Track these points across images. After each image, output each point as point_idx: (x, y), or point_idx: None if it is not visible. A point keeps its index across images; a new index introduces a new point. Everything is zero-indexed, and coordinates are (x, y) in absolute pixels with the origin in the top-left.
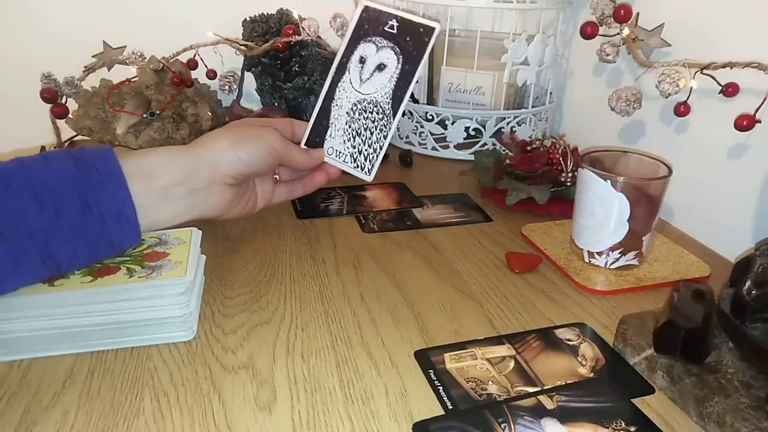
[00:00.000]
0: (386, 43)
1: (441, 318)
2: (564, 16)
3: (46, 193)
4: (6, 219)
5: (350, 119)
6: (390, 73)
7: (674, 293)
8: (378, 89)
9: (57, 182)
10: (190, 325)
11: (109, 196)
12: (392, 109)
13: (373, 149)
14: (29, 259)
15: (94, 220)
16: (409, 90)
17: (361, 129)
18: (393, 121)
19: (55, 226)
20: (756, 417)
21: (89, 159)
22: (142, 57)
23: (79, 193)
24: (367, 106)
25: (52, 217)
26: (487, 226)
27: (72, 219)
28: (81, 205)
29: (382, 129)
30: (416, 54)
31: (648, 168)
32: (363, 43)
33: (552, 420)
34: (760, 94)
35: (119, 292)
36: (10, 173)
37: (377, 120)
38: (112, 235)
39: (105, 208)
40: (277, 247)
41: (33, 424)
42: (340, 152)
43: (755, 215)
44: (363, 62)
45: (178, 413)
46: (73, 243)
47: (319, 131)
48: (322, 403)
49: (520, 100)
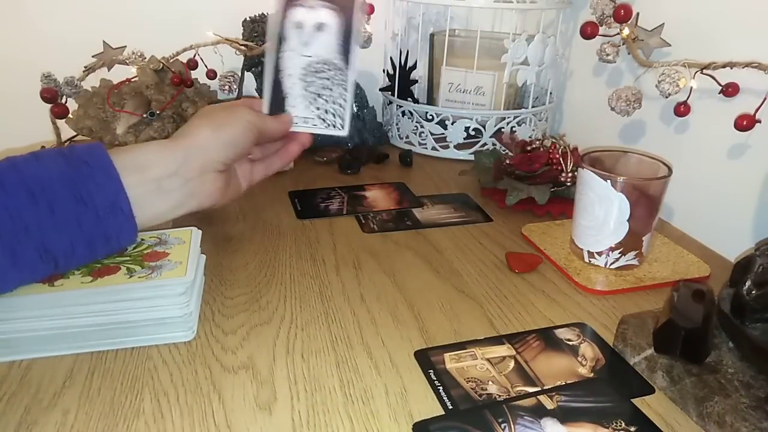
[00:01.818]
0: (317, 3)
1: (441, 318)
2: (564, 16)
3: (39, 189)
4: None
5: (305, 84)
6: (332, 29)
7: (674, 293)
8: (324, 46)
9: (49, 179)
10: (190, 325)
11: (102, 189)
12: (344, 61)
13: (338, 104)
14: (27, 255)
15: (88, 214)
16: (355, 39)
17: (319, 89)
18: (349, 72)
19: (50, 222)
20: (756, 417)
21: (80, 155)
22: (142, 57)
23: (72, 189)
24: (317, 66)
25: (47, 212)
26: (487, 226)
27: (66, 214)
28: (75, 200)
29: (340, 83)
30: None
31: (648, 168)
32: (292, 9)
33: (552, 420)
34: (760, 94)
35: (119, 292)
36: (2, 171)
37: (332, 77)
38: (107, 228)
39: (99, 202)
40: (277, 247)
41: (33, 424)
42: (307, 118)
43: (755, 215)
44: (300, 27)
45: (178, 413)
46: (70, 238)
47: (278, 105)
48: (322, 403)
49: (520, 100)
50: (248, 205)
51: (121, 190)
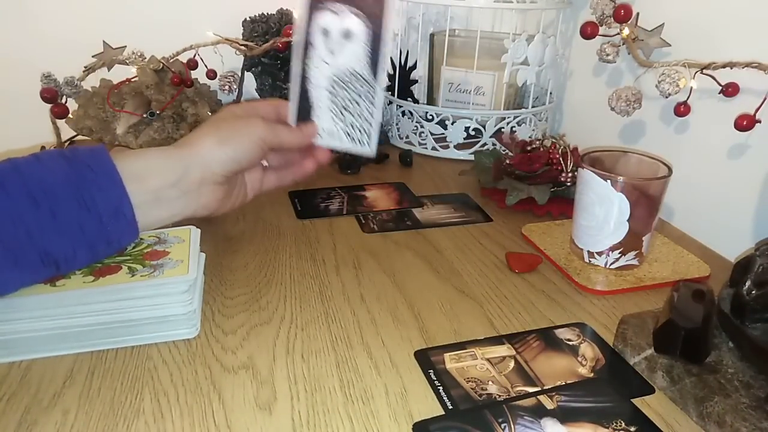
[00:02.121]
0: (344, 8)
1: (441, 318)
2: (564, 16)
3: (41, 193)
4: (2, 221)
5: (332, 95)
6: (360, 39)
7: (674, 293)
8: (352, 57)
9: (52, 182)
10: (193, 322)
11: (106, 194)
12: (373, 74)
13: (365, 119)
14: (28, 259)
15: (91, 219)
16: (384, 50)
17: (347, 102)
18: (378, 88)
19: (52, 227)
20: (756, 417)
21: (83, 158)
22: (142, 57)
23: (75, 193)
24: (345, 77)
25: (49, 217)
26: (487, 226)
27: (69, 219)
28: (77, 204)
29: (368, 97)
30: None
31: (648, 168)
32: (320, 14)
33: (552, 420)
34: (760, 94)
35: (123, 291)
36: (3, 175)
37: (360, 90)
38: (110, 233)
39: (102, 207)
40: (277, 247)
41: (33, 424)
42: (333, 131)
43: (755, 215)
44: (326, 34)
45: (178, 413)
46: (72, 243)
47: (303, 116)
48: (322, 403)
49: (520, 100)
50: (248, 205)
51: (124, 195)
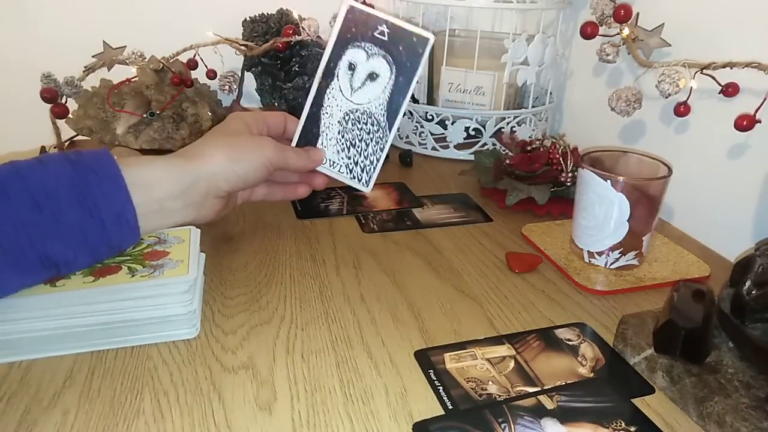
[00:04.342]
0: (377, 51)
1: (441, 318)
2: (564, 16)
3: (43, 198)
4: (4, 225)
5: (342, 129)
6: (383, 84)
7: (674, 293)
8: (371, 100)
9: (55, 187)
10: (194, 322)
11: (109, 200)
12: (387, 122)
13: (369, 161)
14: (29, 262)
15: (94, 225)
16: (404, 102)
17: (356, 140)
18: (389, 134)
19: (54, 231)
20: (756, 417)
21: (87, 162)
22: (142, 57)
23: (78, 198)
24: (360, 116)
25: (51, 222)
26: (487, 226)
27: (71, 224)
28: (80, 209)
29: (377, 141)
30: (410, 65)
31: (648, 168)
32: (351, 48)
33: (552, 420)
34: (760, 94)
35: (123, 292)
36: (6, 178)
37: (372, 132)
38: (112, 238)
39: (105, 212)
40: (277, 247)
41: (33, 424)
42: (335, 162)
43: (755, 215)
44: (353, 69)
45: (178, 413)
46: (73, 247)
47: (309, 139)
48: (322, 403)
49: (520, 100)
50: (248, 205)
51: (128, 201)
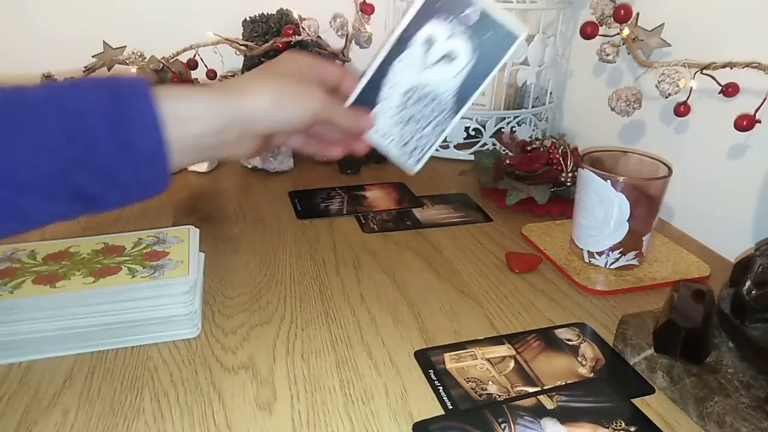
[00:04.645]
0: (461, 32)
1: (441, 318)
2: (564, 16)
3: (79, 128)
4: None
5: (403, 103)
6: (459, 68)
7: (674, 293)
8: (441, 81)
9: (91, 117)
10: (195, 322)
11: (145, 137)
12: (453, 108)
13: (424, 142)
14: (61, 193)
15: (127, 162)
16: (475, 93)
17: (415, 117)
18: (451, 121)
19: (87, 165)
20: (756, 417)
21: (125, 93)
22: (142, 57)
23: (113, 132)
24: (426, 95)
25: (85, 155)
26: (487, 226)
27: (104, 158)
28: (115, 145)
29: (437, 125)
30: (492, 57)
31: (648, 168)
32: (434, 21)
33: (552, 420)
34: (760, 94)
35: (124, 293)
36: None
37: (434, 113)
38: (142, 176)
39: (139, 150)
40: (277, 247)
41: (33, 424)
42: (386, 134)
43: (755, 215)
44: (430, 44)
45: (178, 413)
46: (105, 182)
47: (366, 104)
48: (322, 403)
49: (520, 100)
50: (248, 205)
51: (163, 140)
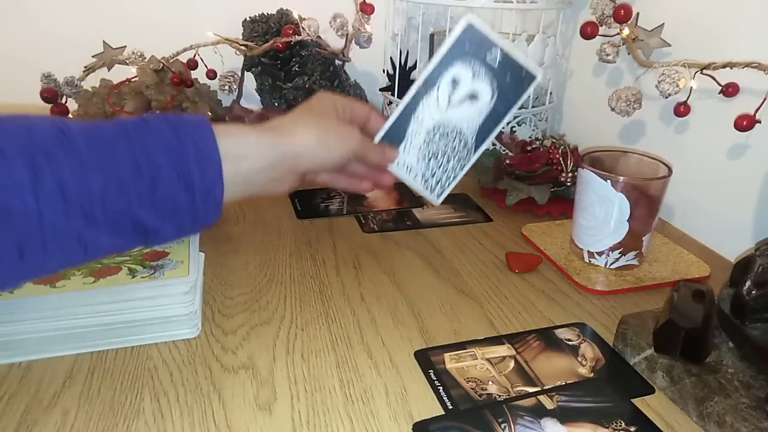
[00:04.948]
0: (484, 73)
1: (441, 318)
2: (564, 16)
3: (145, 163)
4: (109, 184)
5: (429, 139)
6: (481, 107)
7: (674, 293)
8: (465, 119)
9: (156, 153)
10: (195, 322)
11: (203, 174)
12: (475, 144)
13: (447, 176)
14: (123, 226)
15: (186, 197)
16: (496, 130)
17: (439, 153)
18: (473, 156)
19: (149, 199)
20: (756, 417)
21: (188, 130)
22: (142, 57)
23: (176, 167)
24: (450, 132)
25: (149, 189)
26: (487, 226)
27: (166, 193)
28: (177, 179)
29: (459, 159)
30: (511, 97)
31: (648, 168)
32: (459, 63)
33: (552, 420)
34: (760, 94)
35: (124, 293)
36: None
37: (457, 150)
38: (198, 211)
39: (198, 186)
40: (277, 247)
41: (33, 424)
42: (412, 168)
43: (755, 215)
44: (455, 84)
45: (178, 413)
46: (164, 216)
47: (393, 139)
48: (322, 403)
49: None
50: (248, 205)
51: (220, 177)
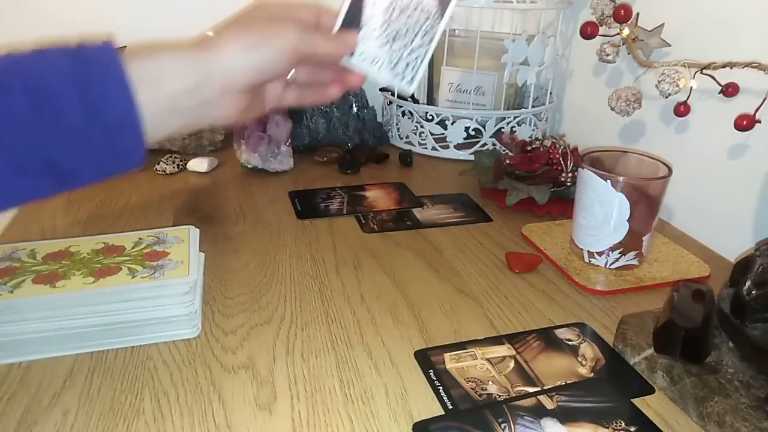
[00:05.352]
0: None
1: (441, 318)
2: (564, 16)
3: (43, 95)
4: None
5: (387, 19)
6: None
7: (674, 293)
8: None
9: (56, 84)
10: (195, 322)
11: (112, 101)
12: (439, 9)
13: (415, 56)
14: (31, 166)
15: (96, 127)
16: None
17: (401, 31)
18: (439, 24)
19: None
20: (756, 417)
21: (90, 57)
22: None
23: (80, 97)
24: (407, 5)
25: (51, 124)
26: (487, 226)
27: (73, 125)
28: (82, 110)
29: (426, 33)
30: None
31: (648, 168)
32: None
33: (552, 420)
34: (760, 94)
35: (124, 293)
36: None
37: (420, 22)
38: (116, 146)
39: (108, 116)
40: (277, 247)
41: (33, 424)
42: (375, 58)
43: (755, 215)
44: None
45: (178, 413)
46: (76, 152)
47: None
48: (322, 403)
49: (520, 100)
50: (248, 205)
51: (132, 104)
